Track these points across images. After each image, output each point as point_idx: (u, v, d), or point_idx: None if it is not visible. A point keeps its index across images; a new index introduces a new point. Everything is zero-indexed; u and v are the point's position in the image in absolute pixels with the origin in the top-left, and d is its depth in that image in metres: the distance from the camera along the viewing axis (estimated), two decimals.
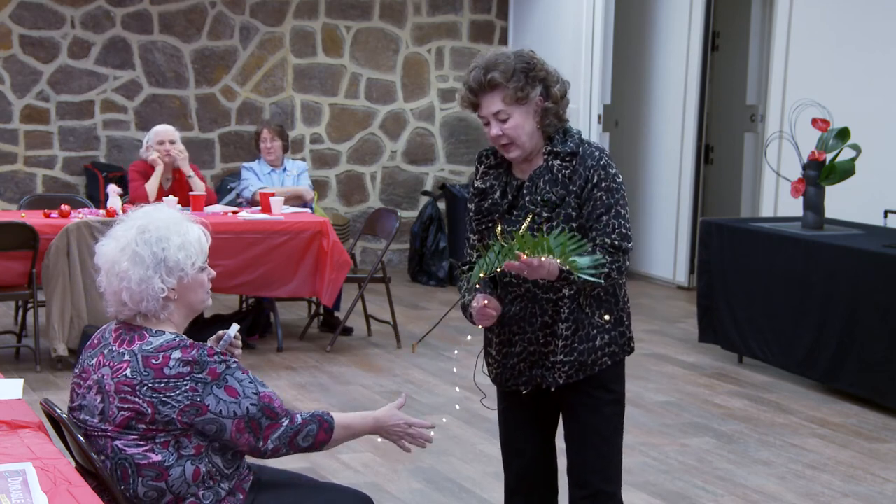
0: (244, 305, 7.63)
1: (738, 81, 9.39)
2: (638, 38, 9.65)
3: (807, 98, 6.79)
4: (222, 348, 2.94)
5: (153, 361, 2.69)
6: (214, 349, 2.75)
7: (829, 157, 6.38)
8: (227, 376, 2.72)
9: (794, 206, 7.09)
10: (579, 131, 3.22)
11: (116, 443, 2.70)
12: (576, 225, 3.10)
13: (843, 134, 6.35)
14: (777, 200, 8.16)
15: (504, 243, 2.96)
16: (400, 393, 6.09)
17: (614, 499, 3.27)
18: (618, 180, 3.14)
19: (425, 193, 9.93)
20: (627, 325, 3.26)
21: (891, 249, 5.80)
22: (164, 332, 2.77)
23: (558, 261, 2.90)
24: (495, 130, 3.11)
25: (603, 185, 3.09)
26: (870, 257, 5.84)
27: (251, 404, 2.73)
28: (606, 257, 3.05)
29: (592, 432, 3.23)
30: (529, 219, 3.09)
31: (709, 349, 7.09)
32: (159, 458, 2.70)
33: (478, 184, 3.25)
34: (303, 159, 9.52)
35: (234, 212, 7.07)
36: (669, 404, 6.00)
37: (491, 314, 3.12)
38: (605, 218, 3.09)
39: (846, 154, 6.37)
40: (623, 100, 9.62)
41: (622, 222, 3.10)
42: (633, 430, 5.53)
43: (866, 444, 5.36)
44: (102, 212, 6.71)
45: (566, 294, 3.12)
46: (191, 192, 7.02)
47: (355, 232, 9.13)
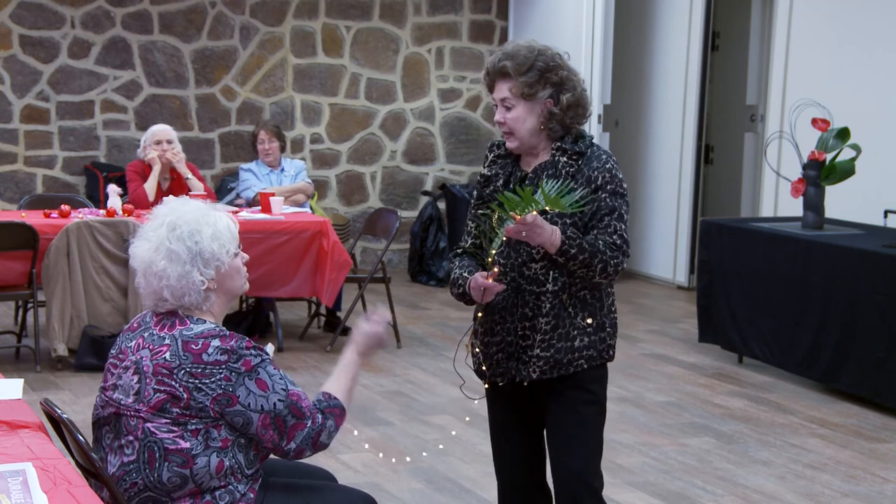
0: (244, 305, 7.63)
1: (738, 81, 9.39)
2: (638, 38, 9.65)
3: (807, 98, 6.80)
4: None
5: (193, 347, 2.73)
6: (252, 342, 2.81)
7: (829, 157, 6.38)
8: (259, 369, 2.77)
9: (794, 206, 7.10)
10: (592, 136, 3.27)
11: (148, 425, 2.73)
12: (570, 221, 3.12)
13: (843, 134, 6.35)
14: (777, 200, 8.17)
15: (497, 229, 3.05)
16: (400, 392, 6.10)
17: (596, 495, 3.26)
18: (624, 186, 3.18)
19: (425, 193, 9.93)
20: (610, 333, 3.25)
21: (891, 249, 5.80)
22: (204, 320, 2.82)
23: (548, 207, 2.96)
24: (498, 116, 3.23)
25: (609, 188, 3.14)
26: (870, 257, 5.84)
27: (279, 400, 2.77)
28: (608, 250, 3.09)
29: (571, 432, 3.23)
30: (527, 210, 3.10)
31: (709, 349, 7.10)
32: (188, 445, 2.72)
33: (484, 171, 3.32)
34: (302, 159, 9.52)
35: (234, 212, 7.06)
36: (669, 404, 6.00)
37: (486, 286, 3.11)
38: (607, 219, 3.13)
39: (846, 154, 6.37)
40: (623, 100, 9.62)
41: (623, 226, 3.15)
42: (633, 430, 5.53)
43: (866, 444, 5.36)
44: (102, 212, 6.71)
45: (549, 289, 3.14)
46: (192, 193, 7.03)
47: (355, 232, 9.14)
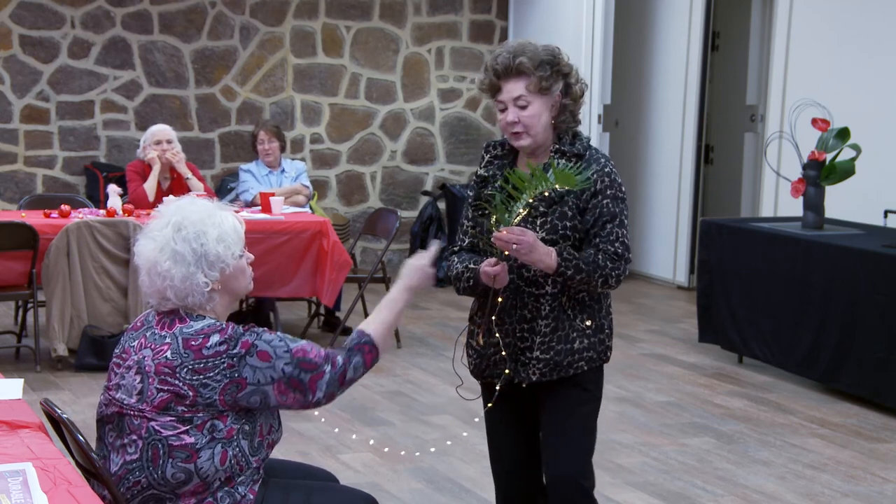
0: (244, 305, 7.62)
1: (738, 81, 9.40)
2: (638, 38, 9.65)
3: (807, 98, 6.80)
4: None
5: (193, 343, 2.73)
6: (247, 325, 2.81)
7: (829, 157, 6.38)
8: (256, 342, 2.75)
9: (794, 206, 7.10)
10: (588, 138, 3.26)
11: (152, 423, 2.73)
12: (570, 224, 3.11)
13: (843, 134, 6.35)
14: (777, 200, 8.17)
15: (495, 228, 3.03)
16: (400, 392, 6.09)
17: (589, 495, 3.25)
18: (623, 190, 3.17)
19: (425, 193, 9.93)
20: (608, 335, 3.25)
21: (891, 249, 5.80)
22: (204, 316, 2.81)
23: (558, 185, 2.95)
24: (511, 116, 3.13)
25: (608, 192, 3.12)
26: (870, 257, 5.84)
27: (285, 364, 2.76)
28: (608, 263, 3.09)
29: (567, 433, 3.22)
30: (525, 212, 3.09)
31: (709, 349, 7.09)
32: (192, 440, 2.72)
33: (481, 172, 3.29)
34: (302, 159, 9.52)
35: (235, 211, 7.06)
36: (669, 404, 6.00)
37: (497, 272, 3.07)
38: (609, 226, 3.11)
39: (846, 154, 6.37)
40: (623, 100, 9.62)
41: (624, 232, 3.14)
42: (633, 430, 5.53)
43: (866, 444, 5.36)
44: (102, 212, 6.71)
45: (548, 291, 3.13)
46: (193, 193, 7.03)
47: (355, 232, 9.14)
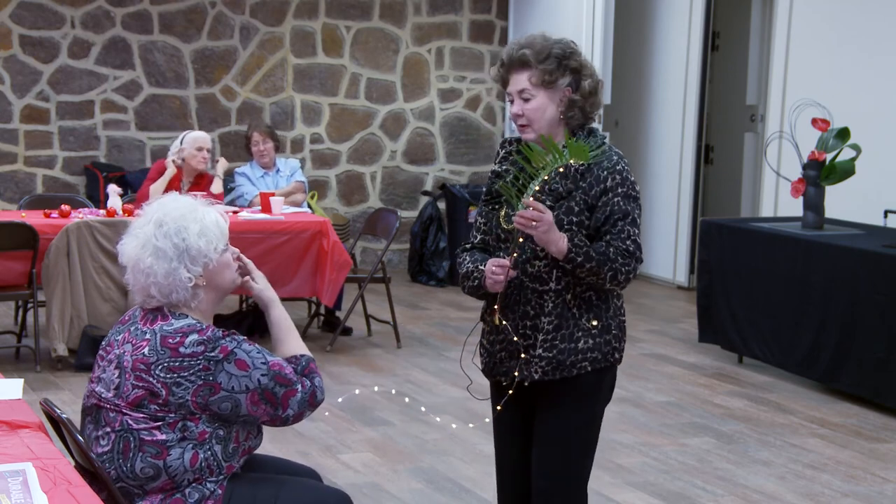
0: (244, 305, 7.63)
1: (738, 81, 9.39)
2: (638, 38, 9.65)
3: (807, 98, 6.80)
4: None
5: (170, 341, 2.73)
6: (228, 330, 2.81)
7: (829, 157, 6.38)
8: (236, 350, 2.77)
9: (794, 206, 7.09)
10: (604, 135, 3.22)
11: (126, 418, 2.74)
12: (576, 220, 3.08)
13: (843, 134, 6.35)
14: (777, 200, 8.17)
15: (506, 225, 3.06)
16: (400, 393, 6.09)
17: None
18: (636, 189, 3.12)
19: (425, 193, 9.93)
20: (615, 336, 3.17)
21: (891, 249, 5.79)
22: (187, 315, 2.82)
23: (572, 160, 2.97)
24: (516, 108, 3.14)
25: (620, 190, 3.07)
26: (870, 257, 5.84)
27: (262, 375, 2.78)
28: (619, 258, 3.04)
29: (556, 444, 3.17)
30: (539, 188, 3.06)
31: (709, 349, 7.09)
32: (164, 437, 2.73)
33: (495, 167, 3.27)
34: (302, 159, 9.53)
35: (235, 212, 7.07)
36: (669, 404, 6.00)
37: (498, 274, 3.06)
38: (620, 224, 3.06)
39: (846, 154, 6.37)
40: (623, 100, 9.62)
41: (636, 231, 3.09)
42: (633, 430, 5.53)
43: (866, 444, 5.36)
44: (102, 212, 6.71)
45: (552, 287, 3.09)
46: (197, 192, 7.03)
47: (355, 232, 9.14)
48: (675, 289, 9.31)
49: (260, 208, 7.15)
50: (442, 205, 9.72)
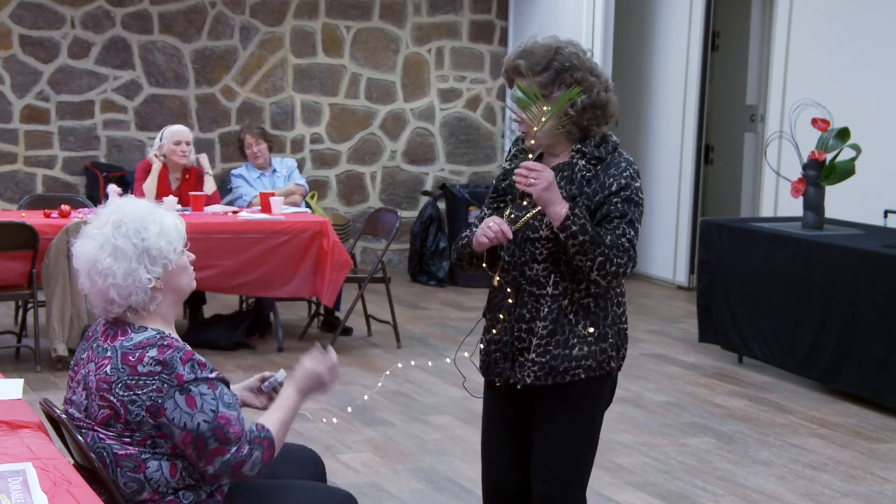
0: (244, 305, 7.62)
1: (738, 81, 9.39)
2: (638, 38, 9.65)
3: (807, 98, 6.79)
4: (267, 389, 3.04)
5: (130, 358, 2.69)
6: (192, 354, 2.72)
7: (829, 157, 6.38)
8: (191, 386, 2.67)
9: (794, 206, 7.09)
10: (617, 142, 3.18)
11: (97, 434, 2.72)
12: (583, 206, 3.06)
13: (843, 134, 6.35)
14: (777, 200, 8.17)
15: (510, 225, 3.06)
16: (400, 392, 6.09)
17: None
18: (640, 195, 3.08)
19: (425, 193, 9.93)
20: (612, 344, 3.11)
21: (891, 249, 5.80)
22: (146, 328, 2.76)
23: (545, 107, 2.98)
24: (516, 114, 3.13)
25: (622, 194, 3.04)
26: (870, 257, 5.84)
27: (204, 420, 2.67)
28: (613, 249, 2.99)
29: (555, 446, 3.14)
30: (536, 209, 3.06)
31: (709, 349, 7.09)
32: (135, 451, 2.70)
33: (505, 165, 3.27)
34: (302, 159, 9.52)
35: (234, 212, 7.07)
36: (669, 404, 6.00)
37: (493, 230, 3.01)
38: (616, 221, 3.03)
39: (846, 154, 6.37)
40: (623, 100, 9.47)
41: (633, 232, 3.04)
42: (633, 430, 5.53)
43: (866, 444, 5.36)
44: None
45: (549, 292, 3.06)
46: (192, 193, 7.02)
47: (355, 232, 9.13)
48: (675, 289, 9.31)
49: (260, 208, 7.15)
50: (442, 205, 9.72)
